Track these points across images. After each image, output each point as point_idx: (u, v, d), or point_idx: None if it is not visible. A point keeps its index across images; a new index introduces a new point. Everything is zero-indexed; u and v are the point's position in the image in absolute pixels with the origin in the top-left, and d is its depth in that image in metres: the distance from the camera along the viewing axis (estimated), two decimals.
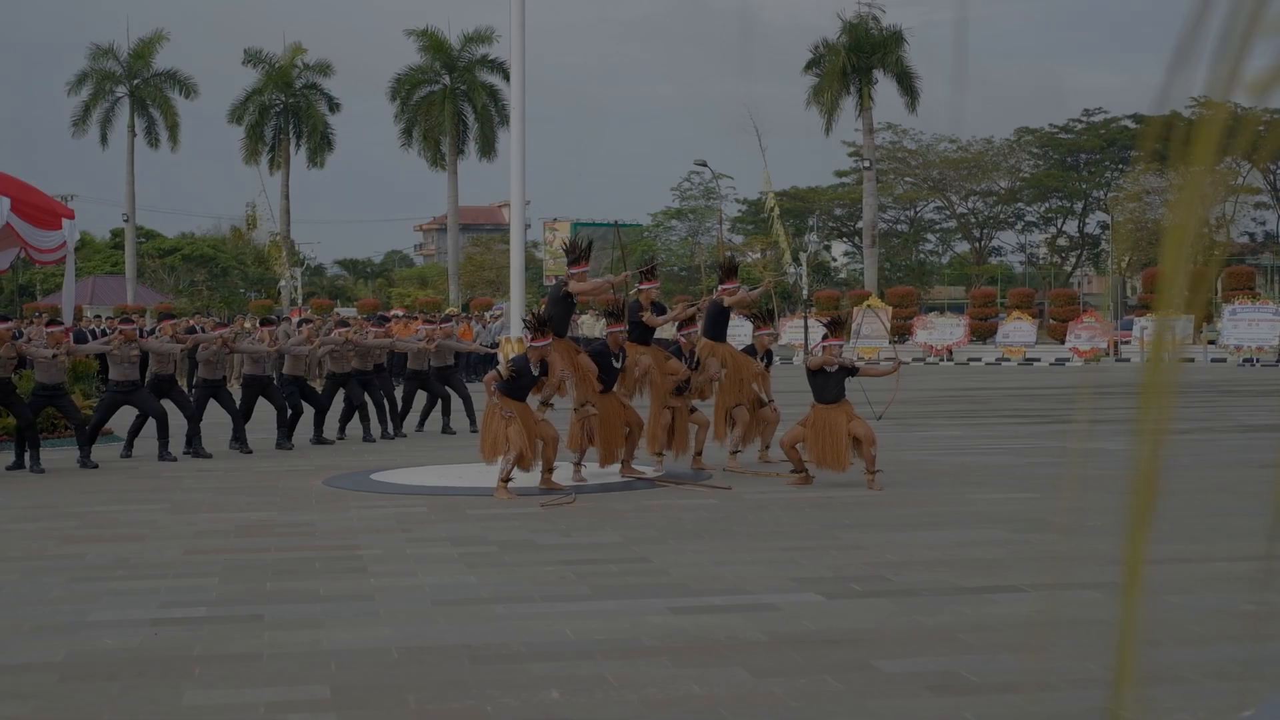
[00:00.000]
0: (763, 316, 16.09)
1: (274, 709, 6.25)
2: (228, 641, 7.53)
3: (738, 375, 15.17)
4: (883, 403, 15.36)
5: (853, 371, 13.63)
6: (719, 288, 15.71)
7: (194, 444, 17.49)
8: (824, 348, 13.71)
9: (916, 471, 14.74)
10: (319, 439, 18.99)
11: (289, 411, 18.68)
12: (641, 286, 15.17)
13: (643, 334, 14.74)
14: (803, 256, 53.41)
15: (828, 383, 13.55)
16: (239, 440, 18.06)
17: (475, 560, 9.91)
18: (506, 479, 13.02)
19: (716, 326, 15.41)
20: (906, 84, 61.91)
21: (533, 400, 13.64)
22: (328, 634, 7.66)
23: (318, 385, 20.32)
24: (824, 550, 10.14)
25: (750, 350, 15.68)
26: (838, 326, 14.00)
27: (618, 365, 14.14)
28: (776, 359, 16.80)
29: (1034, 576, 9.02)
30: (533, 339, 13.32)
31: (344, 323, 22.00)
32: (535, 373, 13.25)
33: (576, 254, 14.32)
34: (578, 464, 14.10)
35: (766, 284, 16.25)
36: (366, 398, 19.59)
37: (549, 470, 13.51)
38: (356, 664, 6.99)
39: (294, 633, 7.71)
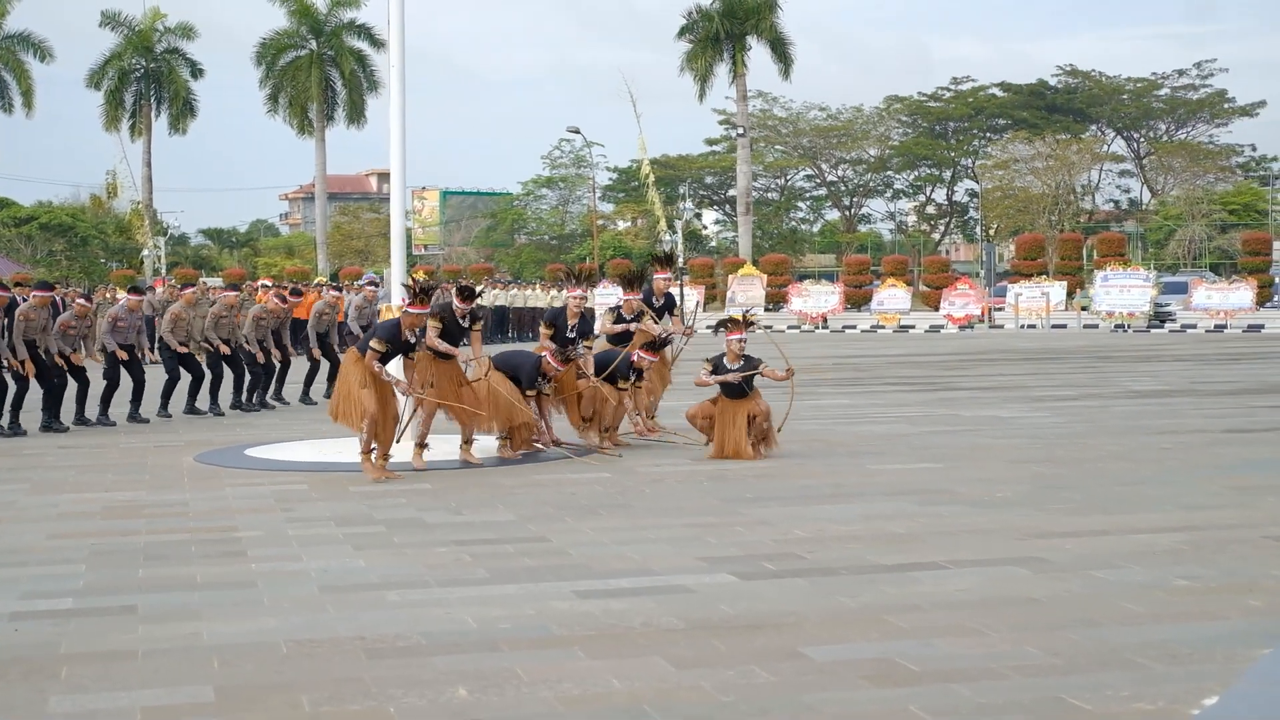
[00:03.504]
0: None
1: (152, 714, 5.66)
2: (98, 637, 6.89)
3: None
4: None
5: (756, 370, 13.25)
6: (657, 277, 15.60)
7: (47, 415, 16.82)
8: (727, 342, 13.32)
9: (811, 441, 14.35)
10: (191, 408, 18.38)
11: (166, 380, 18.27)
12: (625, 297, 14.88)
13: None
14: (678, 224, 53.03)
15: (709, 384, 13.34)
16: (100, 412, 17.36)
17: (362, 541, 9.33)
18: (369, 450, 12.36)
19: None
20: (780, 50, 61.73)
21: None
22: (208, 626, 7.06)
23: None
24: (729, 527, 9.68)
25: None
26: (736, 324, 13.54)
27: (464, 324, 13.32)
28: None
29: (952, 552, 8.64)
30: (410, 304, 12.59)
31: (234, 287, 21.38)
32: (411, 340, 12.54)
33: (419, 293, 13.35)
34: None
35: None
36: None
37: (384, 456, 12.64)
38: (241, 660, 6.41)
39: (171, 625, 7.09)
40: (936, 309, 48.12)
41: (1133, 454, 13.21)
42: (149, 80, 68.41)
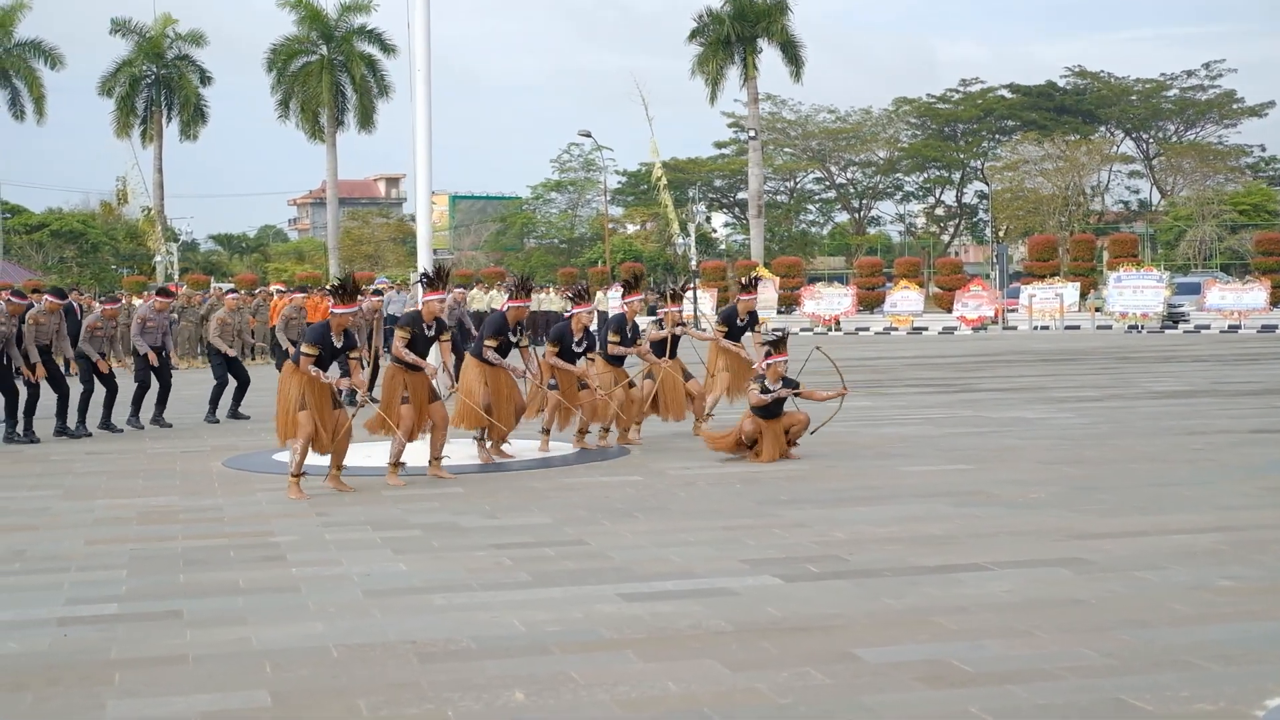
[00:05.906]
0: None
1: (211, 718, 5.67)
2: (147, 642, 6.90)
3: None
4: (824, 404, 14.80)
5: (796, 390, 13.31)
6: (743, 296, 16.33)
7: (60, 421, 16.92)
8: (768, 365, 13.30)
9: (837, 444, 14.32)
10: (235, 413, 18.76)
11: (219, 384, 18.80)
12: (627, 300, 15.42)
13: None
14: (691, 227, 53.00)
15: (767, 402, 13.30)
16: (131, 414, 17.50)
17: (401, 545, 9.33)
18: (299, 473, 11.87)
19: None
20: (791, 53, 61.67)
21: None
22: (255, 631, 7.06)
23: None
24: (767, 529, 9.68)
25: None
26: (781, 344, 13.52)
27: (516, 340, 13.53)
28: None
29: (992, 553, 8.63)
30: (335, 304, 12.06)
31: (303, 289, 21.59)
32: (337, 344, 11.95)
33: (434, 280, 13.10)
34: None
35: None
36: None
37: (337, 467, 12.23)
38: (293, 665, 6.41)
39: (218, 630, 7.10)
40: (949, 311, 48.06)
41: (1162, 455, 13.19)
42: (160, 87, 68.50)
